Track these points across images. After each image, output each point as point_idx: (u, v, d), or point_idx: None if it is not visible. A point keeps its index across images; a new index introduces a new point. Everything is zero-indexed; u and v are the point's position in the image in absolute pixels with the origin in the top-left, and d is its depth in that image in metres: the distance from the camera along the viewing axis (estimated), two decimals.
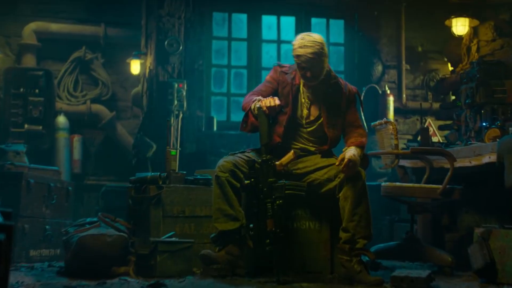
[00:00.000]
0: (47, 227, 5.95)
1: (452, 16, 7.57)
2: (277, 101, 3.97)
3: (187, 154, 7.81)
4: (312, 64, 4.00)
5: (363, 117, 4.89)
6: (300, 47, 3.98)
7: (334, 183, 4.10)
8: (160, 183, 4.75)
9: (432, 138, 8.64)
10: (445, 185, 4.89)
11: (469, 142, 5.38)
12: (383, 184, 5.35)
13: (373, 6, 8.95)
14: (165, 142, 6.81)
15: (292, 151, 4.06)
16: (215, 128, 8.36)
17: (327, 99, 4.19)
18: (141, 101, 8.01)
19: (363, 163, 4.14)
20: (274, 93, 4.21)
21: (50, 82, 8.18)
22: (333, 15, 9.10)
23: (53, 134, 8.24)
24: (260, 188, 3.89)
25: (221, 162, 4.06)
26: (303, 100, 4.18)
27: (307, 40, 3.98)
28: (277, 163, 3.96)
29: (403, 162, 5.85)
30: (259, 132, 4.03)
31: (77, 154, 8.49)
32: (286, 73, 4.21)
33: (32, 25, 8.52)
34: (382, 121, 5.41)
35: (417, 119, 8.92)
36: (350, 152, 3.98)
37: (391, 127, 5.27)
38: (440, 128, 7.63)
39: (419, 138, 8.56)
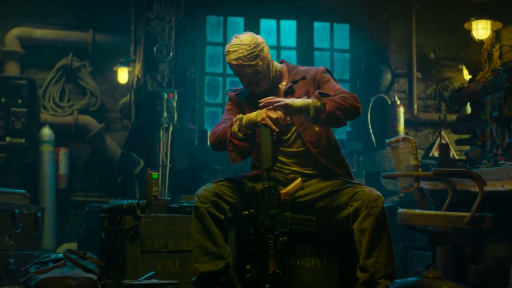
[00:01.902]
0: (10, 260, 5.29)
1: (473, 18, 7.11)
2: (279, 112, 3.42)
3: (178, 171, 7.64)
4: (240, 70, 3.53)
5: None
6: (226, 54, 3.54)
7: (346, 211, 3.50)
8: (139, 212, 4.15)
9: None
10: (473, 213, 4.32)
11: (499, 162, 4.88)
12: (399, 211, 4.73)
13: (381, 9, 8.77)
14: (154, 157, 7.14)
15: (299, 179, 3.50)
16: (209, 143, 7.53)
17: (293, 96, 3.62)
18: (129, 112, 7.89)
19: (325, 119, 3.44)
20: None
21: (34, 92, 8.06)
22: (337, 19, 8.90)
23: (37, 147, 8.11)
24: (260, 221, 3.35)
25: (200, 191, 3.52)
26: None
27: (231, 45, 3.52)
28: (282, 191, 3.41)
29: (420, 184, 5.14)
30: (260, 154, 3.46)
31: (63, 168, 8.36)
32: (239, 94, 3.78)
33: (16, 31, 8.43)
34: (399, 137, 4.77)
35: (430, 132, 8.85)
36: (290, 99, 3.43)
37: (409, 145, 4.63)
38: (458, 143, 7.29)
39: (432, 154, 8.23)
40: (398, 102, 8.48)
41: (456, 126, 7.52)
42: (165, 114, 7.22)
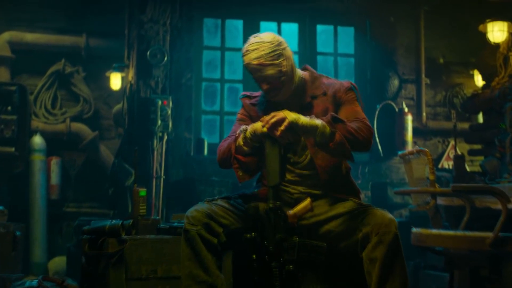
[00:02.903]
0: None
1: (488, 20, 6.87)
2: (286, 122, 3.07)
3: (173, 183, 7.43)
4: (262, 72, 3.23)
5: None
6: (245, 54, 3.25)
7: (355, 237, 3.19)
8: (123, 234, 3.77)
9: None
10: (497, 234, 4.07)
11: None
12: (414, 231, 4.51)
13: (387, 11, 8.58)
14: (147, 168, 6.97)
15: (308, 199, 3.16)
16: (205, 152, 7.92)
17: (309, 113, 3.27)
18: (123, 120, 7.67)
19: (332, 149, 3.13)
20: None
21: (25, 98, 7.87)
22: (341, 22, 8.68)
23: (27, 157, 7.94)
24: (265, 246, 3.06)
25: (190, 211, 3.22)
26: None
27: (250, 44, 3.24)
28: (289, 213, 3.10)
29: (426, 196, 4.94)
30: (266, 170, 3.15)
31: (55, 178, 8.19)
32: (255, 105, 3.50)
33: (6, 35, 8.26)
34: (414, 149, 4.55)
35: (439, 141, 8.69)
36: (295, 114, 3.09)
37: (425, 158, 4.42)
38: (471, 153, 7.11)
39: (441, 165, 8.05)
40: (406, 110, 8.29)
41: (469, 135, 7.30)
42: (159, 122, 7.06)
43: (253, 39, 3.26)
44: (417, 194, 4.67)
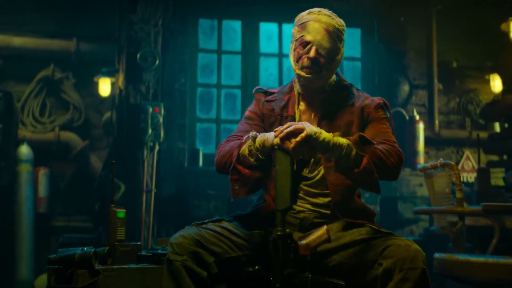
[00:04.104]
0: None
1: (511, 18, 6.71)
2: (304, 134, 2.73)
3: (165, 197, 7.29)
4: (323, 38, 3.00)
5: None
6: (313, 12, 3.05)
7: (374, 272, 2.79)
8: (96, 264, 3.31)
9: (471, 174, 8.08)
10: None
11: None
12: (436, 256, 4.13)
13: (397, 11, 8.41)
14: (137, 181, 6.93)
15: (324, 227, 2.79)
16: (200, 164, 7.71)
17: (330, 122, 3.10)
18: (112, 129, 7.57)
19: (357, 176, 2.81)
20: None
21: (11, 106, 7.81)
22: (347, 23, 8.01)
23: (13, 167, 7.82)
24: (270, 283, 2.70)
25: (175, 237, 2.88)
26: None
27: (320, 9, 3.07)
28: (301, 243, 2.75)
29: (452, 216, 4.64)
30: (276, 189, 2.76)
31: (43, 190, 8.05)
32: (274, 101, 3.23)
33: None
34: (437, 163, 4.14)
35: (453, 152, 8.50)
36: (316, 128, 2.77)
37: (451, 172, 4.01)
38: (491, 165, 6.67)
39: (455, 179, 7.59)
40: (417, 117, 8.13)
41: (488, 145, 7.01)
42: (150, 131, 6.95)
43: (323, 10, 3.11)
44: (442, 214, 4.28)
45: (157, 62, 7.15)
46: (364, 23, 8.60)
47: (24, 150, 7.89)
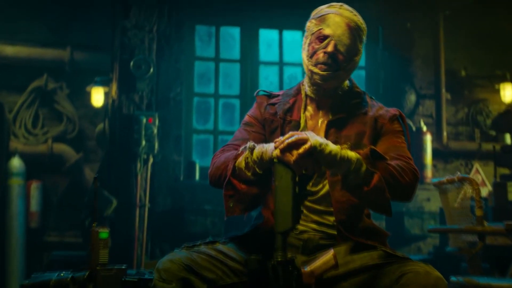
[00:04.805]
0: None
1: None
2: (307, 145, 2.51)
3: (159, 212, 7.24)
4: (343, 33, 2.86)
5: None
6: (335, 6, 2.92)
7: None
8: None
9: (481, 188, 7.80)
10: None
11: None
12: (453, 280, 3.88)
13: (403, 16, 8.28)
14: (130, 196, 6.92)
15: (331, 252, 2.56)
16: (197, 177, 7.64)
17: (339, 131, 2.91)
18: (105, 141, 7.60)
19: (366, 195, 2.57)
20: (262, 142, 2.86)
21: (2, 117, 7.83)
22: None
23: (5, 181, 7.79)
24: None
25: (163, 262, 2.69)
26: None
27: (342, 3, 2.95)
28: (305, 270, 2.55)
29: (471, 236, 4.39)
30: (275, 208, 2.54)
31: (35, 204, 7.99)
32: (275, 105, 3.03)
33: None
34: (455, 177, 3.94)
35: (461, 164, 8.34)
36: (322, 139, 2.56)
37: (469, 188, 3.81)
38: (505, 178, 6.54)
39: (474, 195, 7.54)
40: (424, 129, 8.01)
41: (500, 157, 6.90)
42: (144, 142, 6.91)
43: (345, 5, 3.01)
44: (459, 234, 4.04)
45: (152, 70, 7.11)
46: (368, 29, 8.24)
47: (16, 162, 7.83)
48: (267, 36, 8.43)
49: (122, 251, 6.62)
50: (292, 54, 8.38)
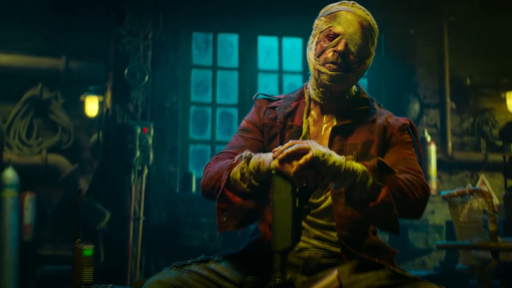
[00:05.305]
0: None
1: None
2: (309, 156, 2.31)
3: (154, 225, 7.23)
4: (355, 32, 2.66)
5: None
6: (346, 4, 2.71)
7: None
8: None
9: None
10: None
11: None
12: None
13: (406, 23, 8.27)
14: (124, 208, 6.83)
15: (335, 274, 2.43)
16: (193, 189, 7.64)
17: (345, 140, 2.72)
18: (100, 151, 7.56)
19: (372, 211, 2.39)
20: (260, 150, 2.70)
21: None
22: None
23: None
24: None
25: (150, 284, 2.51)
26: None
27: (354, 2, 2.75)
28: None
29: (483, 253, 4.11)
30: (273, 225, 2.35)
31: (28, 217, 7.91)
32: (277, 108, 2.81)
33: None
34: (466, 189, 3.69)
35: (467, 176, 8.30)
36: (325, 148, 2.37)
37: (481, 200, 3.58)
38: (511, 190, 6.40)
39: (487, 209, 7.48)
40: (429, 139, 7.99)
41: (508, 168, 6.72)
42: (138, 153, 6.83)
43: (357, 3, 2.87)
44: (470, 251, 3.82)
45: (146, 78, 7.03)
46: None
47: (9, 174, 7.76)
48: (266, 44, 8.46)
49: (115, 266, 6.58)
50: (292, 62, 8.43)
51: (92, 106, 7.84)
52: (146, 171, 6.92)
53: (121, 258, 6.58)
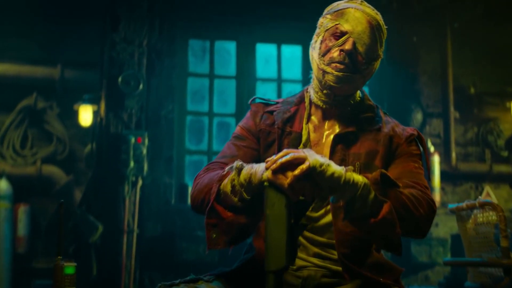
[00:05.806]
0: None
1: None
2: (305, 166, 2.13)
3: (149, 238, 7.20)
4: (364, 31, 2.51)
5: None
6: (349, 1, 2.55)
7: None
8: None
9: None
10: None
11: None
12: None
13: (408, 29, 8.11)
14: (117, 221, 6.91)
15: None
16: (189, 201, 6.89)
17: (347, 149, 2.57)
18: (93, 162, 7.55)
19: (380, 229, 2.21)
20: (255, 159, 2.53)
21: None
22: None
23: None
24: None
25: None
26: None
27: (362, 0, 2.59)
28: None
29: (495, 270, 3.91)
30: (266, 243, 2.16)
31: (22, 229, 7.90)
32: (275, 112, 2.68)
33: None
34: (475, 202, 3.55)
35: (471, 187, 8.18)
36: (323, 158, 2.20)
37: (492, 213, 3.47)
38: None
39: (499, 223, 7.51)
40: (432, 149, 7.88)
41: None
42: (132, 163, 6.87)
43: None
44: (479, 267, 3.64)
45: (141, 86, 7.03)
46: None
47: (2, 185, 7.75)
48: (265, 51, 8.38)
49: (108, 280, 6.55)
50: (291, 70, 8.36)
51: (86, 115, 7.79)
52: (140, 182, 6.94)
53: (115, 272, 6.57)
